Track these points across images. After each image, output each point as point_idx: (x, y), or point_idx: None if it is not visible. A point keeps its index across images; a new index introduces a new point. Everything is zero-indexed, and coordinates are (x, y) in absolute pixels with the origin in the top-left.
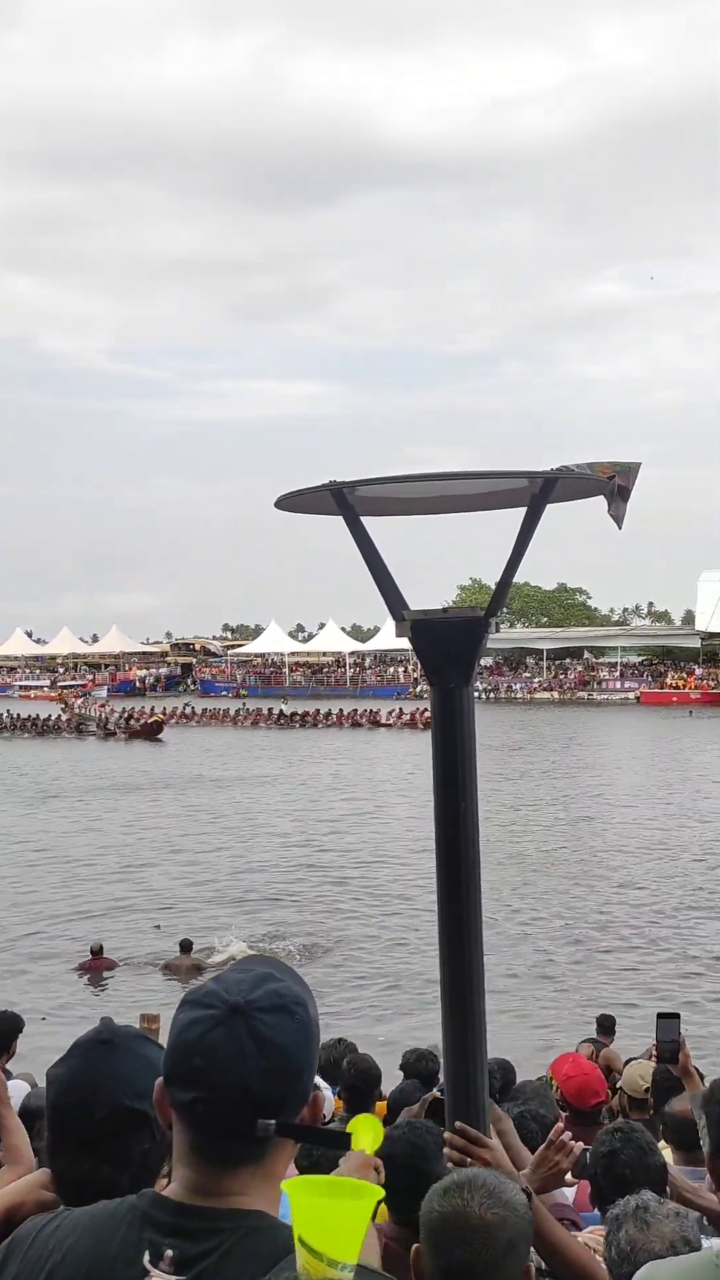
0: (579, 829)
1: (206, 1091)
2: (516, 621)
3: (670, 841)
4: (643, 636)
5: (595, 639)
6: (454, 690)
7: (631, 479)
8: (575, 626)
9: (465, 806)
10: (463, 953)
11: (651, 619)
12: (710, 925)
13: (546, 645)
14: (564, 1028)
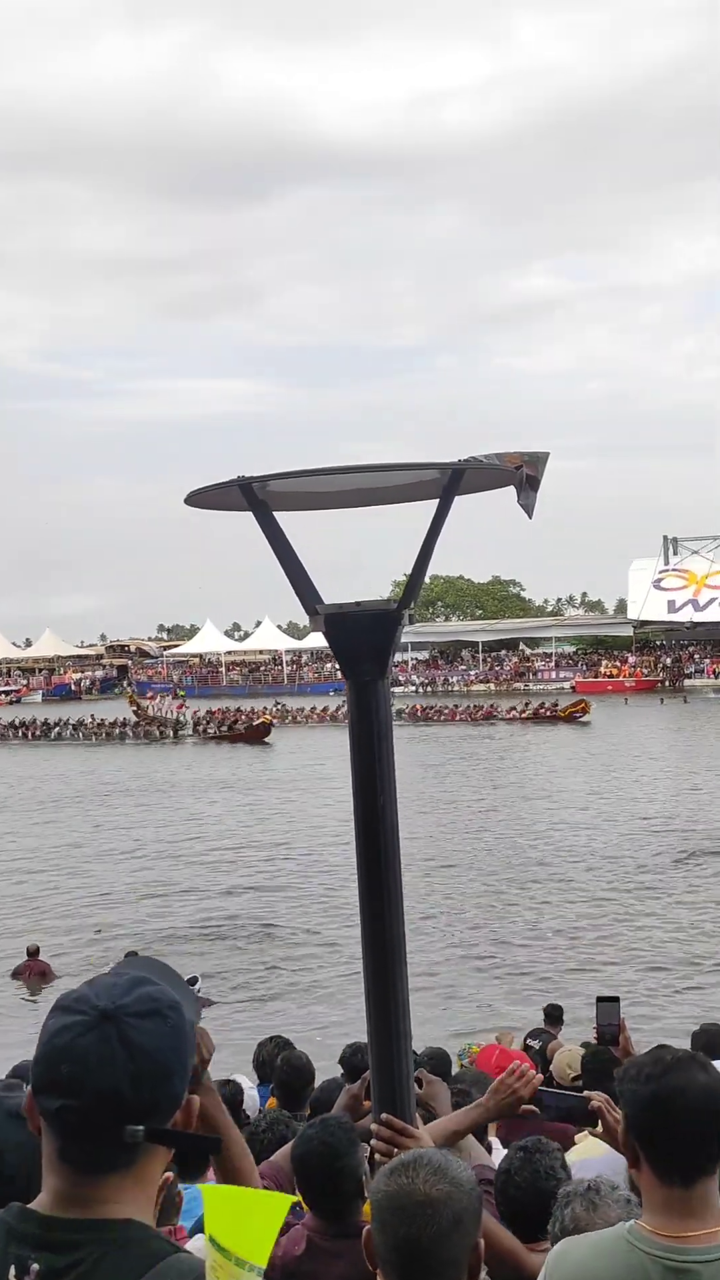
0: (528, 821)
1: (74, 1099)
2: (451, 615)
3: (619, 830)
4: (576, 626)
5: (530, 630)
6: (369, 683)
7: (540, 468)
8: (510, 618)
9: (383, 799)
10: (385, 944)
11: (585, 609)
12: (657, 915)
13: (482, 638)
14: (513, 1018)
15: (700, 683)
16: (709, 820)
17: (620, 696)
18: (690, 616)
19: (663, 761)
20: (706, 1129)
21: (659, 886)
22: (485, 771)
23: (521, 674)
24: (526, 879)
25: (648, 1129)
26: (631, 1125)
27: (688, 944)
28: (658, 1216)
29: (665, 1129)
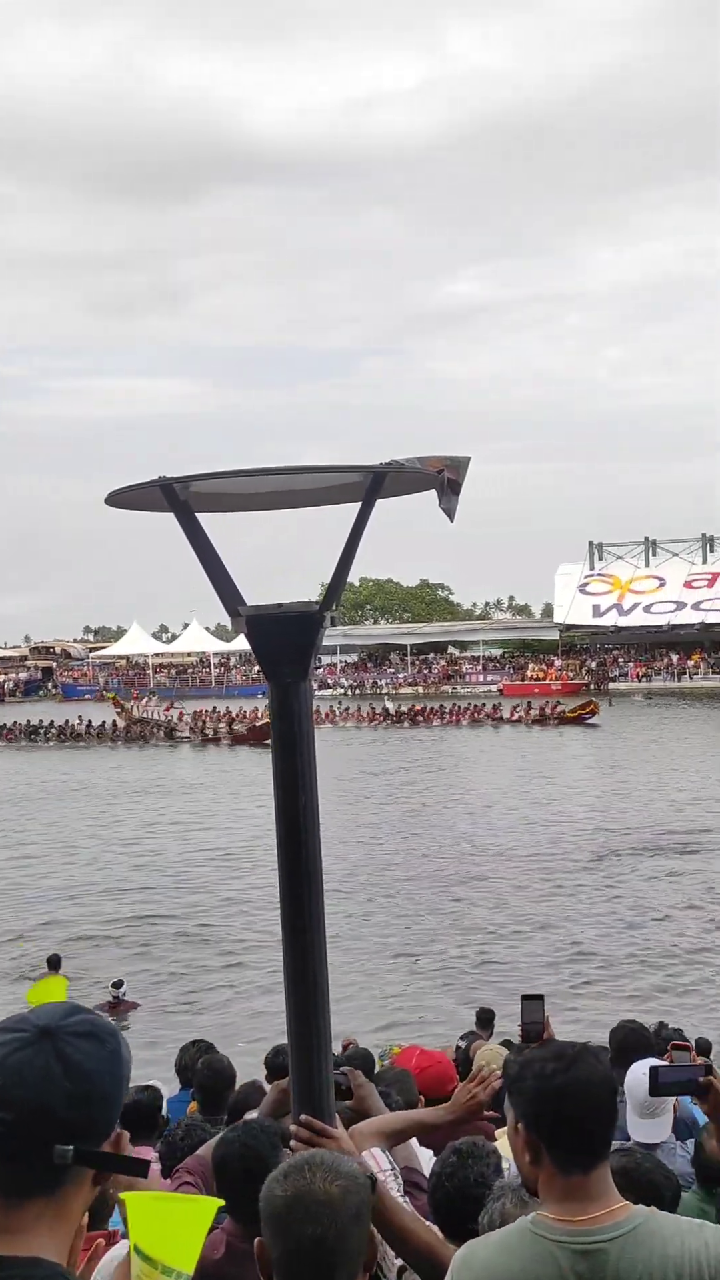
0: (458, 826)
1: (5, 1111)
2: (380, 618)
3: (547, 833)
4: (504, 630)
5: (458, 633)
6: (291, 685)
7: (461, 473)
8: (438, 622)
9: (305, 800)
10: (306, 946)
11: (512, 612)
12: (587, 915)
13: (410, 641)
14: (450, 1023)
15: (625, 686)
16: (636, 820)
17: (547, 699)
18: (615, 621)
19: (592, 767)
20: (605, 1118)
21: (587, 884)
22: (426, 772)
23: (449, 677)
24: (459, 881)
25: (551, 1123)
26: (532, 1120)
27: (611, 938)
28: (559, 1205)
29: (568, 1121)
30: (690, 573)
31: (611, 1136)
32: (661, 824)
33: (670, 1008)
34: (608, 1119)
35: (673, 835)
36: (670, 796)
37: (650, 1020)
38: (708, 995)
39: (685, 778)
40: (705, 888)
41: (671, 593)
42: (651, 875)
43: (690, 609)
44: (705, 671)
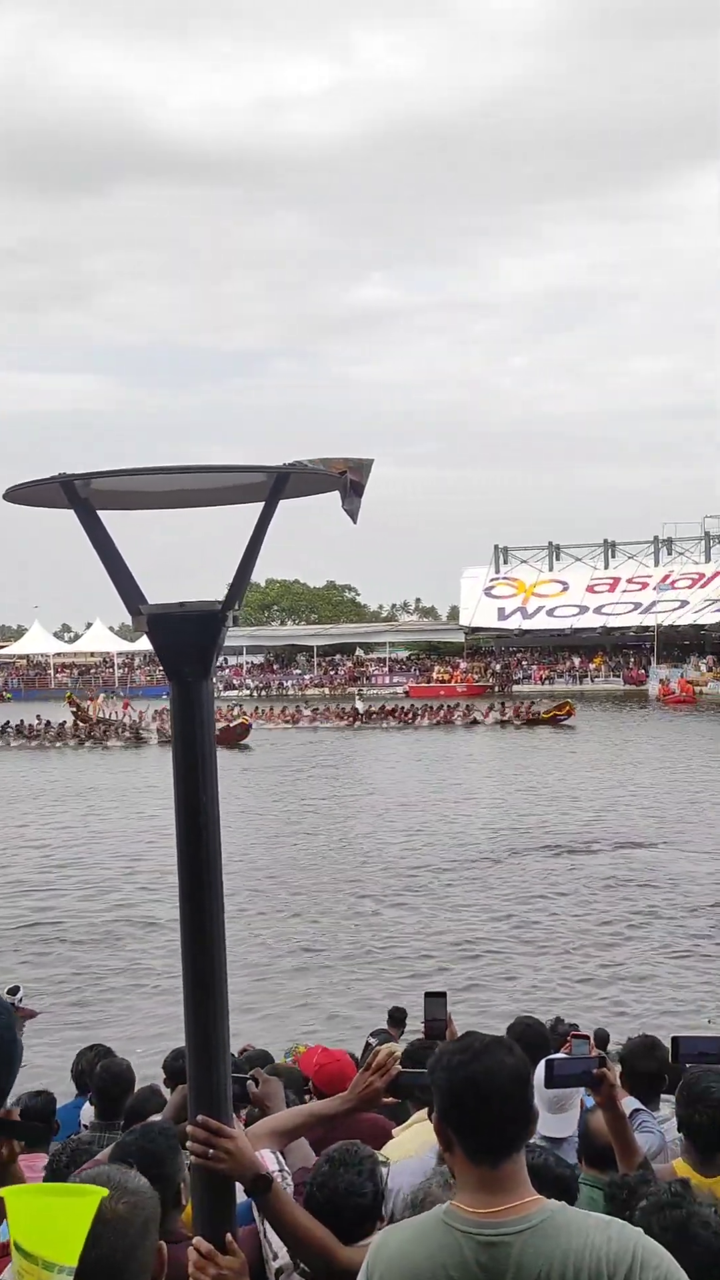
0: (366, 827)
1: None
2: (287, 619)
3: (447, 830)
4: (410, 632)
5: (365, 635)
6: (192, 684)
7: (364, 475)
8: (345, 623)
9: (205, 799)
10: (204, 945)
11: (419, 615)
12: (490, 913)
13: (317, 642)
14: (358, 1023)
15: (528, 689)
16: (539, 820)
17: (453, 701)
18: (519, 624)
19: (493, 767)
20: (514, 1110)
21: (490, 880)
22: (343, 773)
23: (356, 678)
24: (370, 881)
25: (459, 1113)
26: (443, 1111)
27: (515, 933)
28: (470, 1195)
29: (476, 1112)
30: (593, 577)
31: (523, 1130)
32: (575, 823)
33: (563, 998)
34: (515, 1111)
35: (575, 834)
36: (603, 799)
37: (548, 1015)
38: (602, 986)
39: (648, 778)
40: (603, 884)
41: (574, 597)
42: (549, 872)
43: (592, 613)
44: (606, 675)
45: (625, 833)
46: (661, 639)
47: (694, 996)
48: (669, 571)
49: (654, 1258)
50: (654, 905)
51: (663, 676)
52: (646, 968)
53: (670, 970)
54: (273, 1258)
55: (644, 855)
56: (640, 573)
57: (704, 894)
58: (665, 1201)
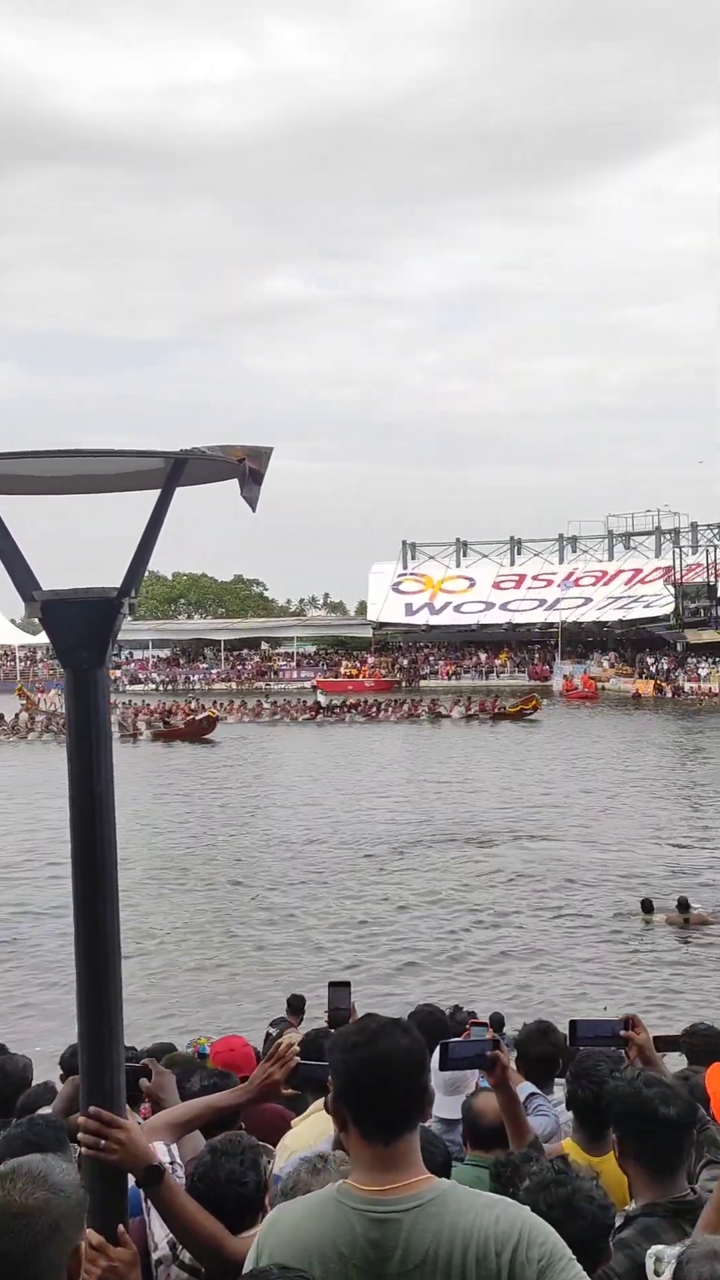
0: (279, 820)
1: None
2: (194, 613)
3: (344, 827)
4: (318, 627)
5: (272, 629)
6: (87, 671)
7: (263, 463)
8: (253, 618)
9: (100, 790)
10: (98, 936)
11: (327, 610)
12: (394, 903)
13: (224, 636)
14: (259, 1012)
15: (435, 684)
16: (439, 813)
17: (362, 696)
18: (426, 620)
19: (403, 762)
20: (408, 1089)
21: (395, 872)
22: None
23: (263, 673)
24: (275, 872)
25: (355, 1093)
26: (339, 1091)
27: (420, 924)
28: (363, 1173)
29: (371, 1092)
30: (499, 574)
31: (417, 1110)
32: (483, 814)
33: (464, 987)
34: (408, 1092)
35: (483, 825)
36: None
37: (449, 1004)
38: (501, 974)
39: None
40: (507, 875)
41: (481, 593)
42: (457, 862)
43: (498, 609)
44: (511, 670)
45: (530, 824)
46: (565, 635)
47: (590, 982)
48: (573, 569)
49: (539, 1234)
50: (555, 895)
51: (566, 672)
52: (546, 956)
53: (567, 958)
54: (153, 1249)
55: (547, 847)
56: (545, 570)
57: (602, 884)
58: (550, 1179)
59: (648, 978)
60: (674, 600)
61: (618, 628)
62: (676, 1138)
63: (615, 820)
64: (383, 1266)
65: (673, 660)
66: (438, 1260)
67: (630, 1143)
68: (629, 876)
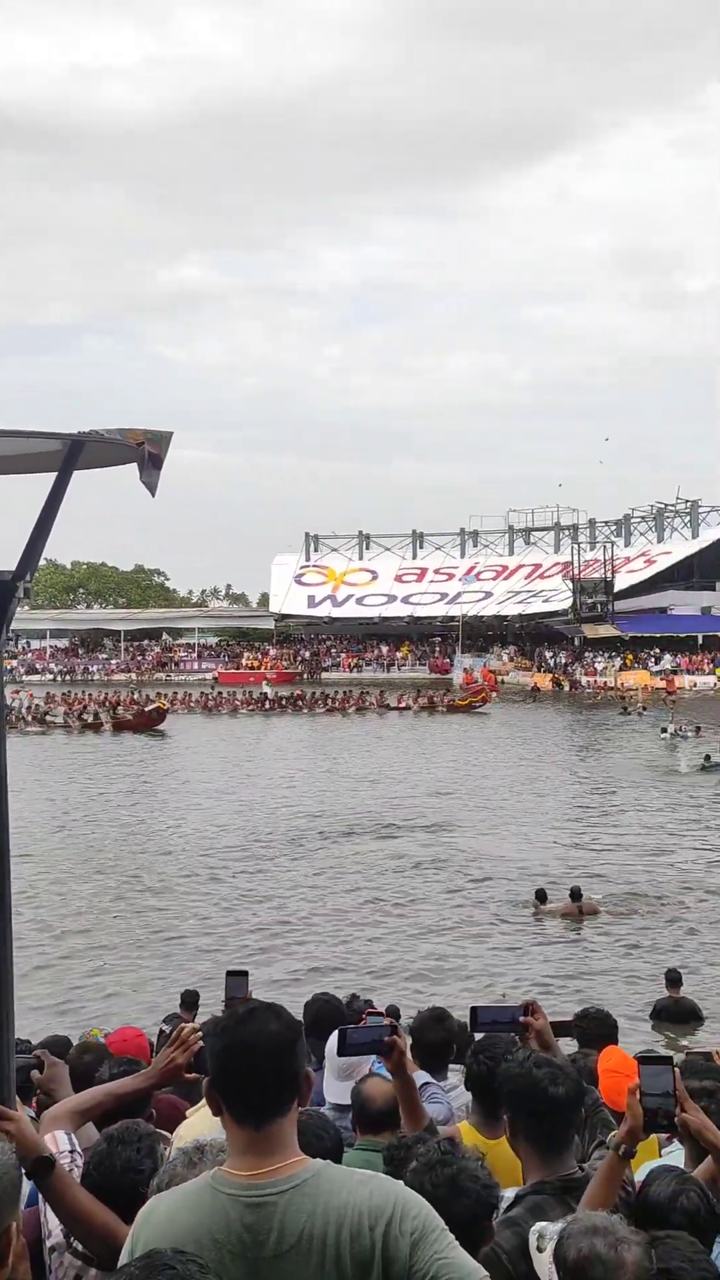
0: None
1: None
2: (93, 602)
3: (265, 815)
4: (220, 618)
5: (173, 620)
6: None
7: (163, 447)
8: (153, 608)
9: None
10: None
11: (229, 601)
12: (289, 893)
13: (124, 626)
14: (154, 1007)
15: (336, 676)
16: (336, 805)
17: (262, 687)
18: (328, 612)
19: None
20: (276, 1073)
21: (286, 863)
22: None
23: (164, 664)
24: (167, 864)
25: (224, 1077)
26: (212, 1075)
27: (314, 915)
28: (237, 1159)
29: (239, 1076)
30: (401, 567)
31: (288, 1093)
32: (386, 806)
33: (362, 975)
34: (278, 1075)
35: (385, 816)
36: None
37: (344, 993)
38: (399, 963)
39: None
40: (407, 865)
41: (383, 586)
42: (350, 855)
43: (400, 602)
44: (412, 663)
45: (429, 816)
46: (466, 629)
47: (484, 971)
48: (474, 563)
49: (413, 1207)
50: (451, 885)
51: (466, 665)
52: (441, 946)
53: (462, 948)
54: (47, 1236)
55: (444, 838)
56: (447, 564)
57: (497, 874)
58: (435, 1159)
59: (541, 966)
60: (572, 595)
61: (517, 622)
62: (565, 1117)
63: (511, 812)
64: (258, 1250)
65: (570, 655)
66: (313, 1240)
67: (520, 1122)
68: (523, 867)
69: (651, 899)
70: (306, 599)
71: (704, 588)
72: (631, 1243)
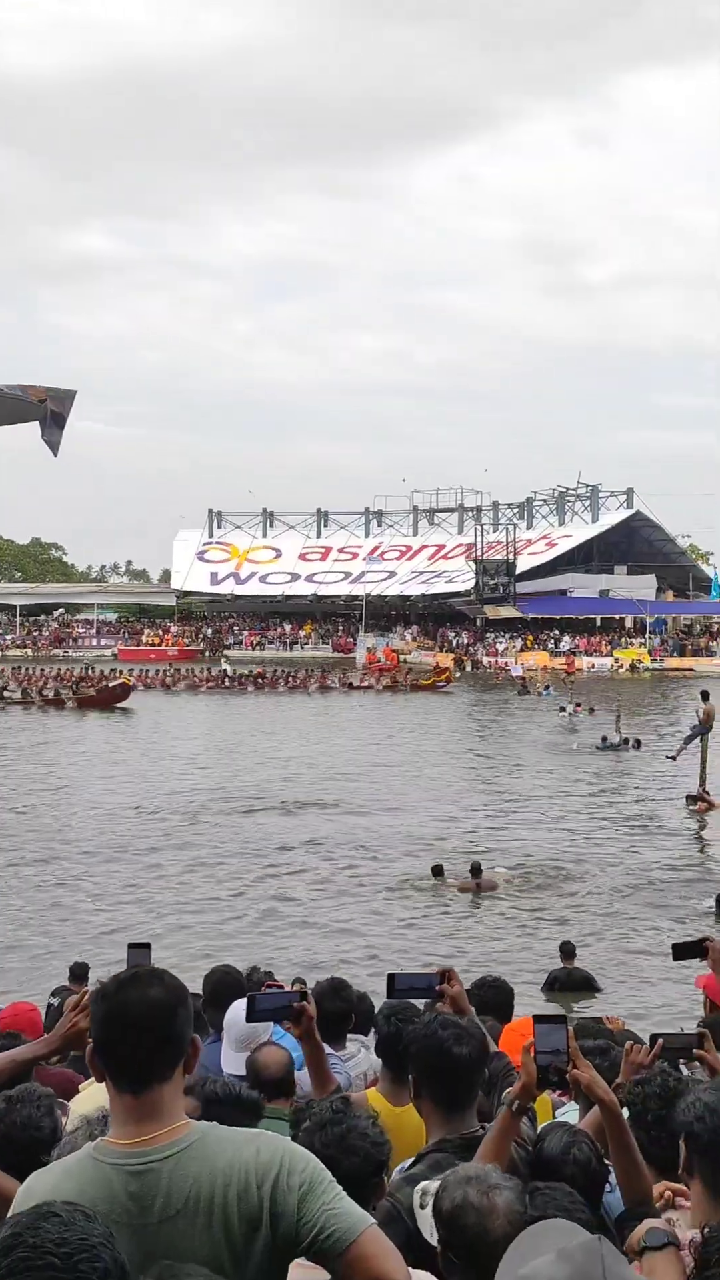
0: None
1: None
2: None
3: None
4: (120, 594)
5: (72, 595)
6: None
7: (66, 406)
8: (51, 583)
9: None
10: None
11: (130, 577)
12: (195, 871)
13: (20, 601)
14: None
15: (239, 654)
16: (232, 784)
17: (165, 664)
18: (231, 589)
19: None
20: (154, 1038)
21: (179, 843)
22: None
23: (62, 640)
24: (63, 843)
25: (103, 1043)
26: (94, 1041)
27: (214, 888)
28: (119, 1127)
29: (118, 1041)
30: (305, 546)
31: (168, 1059)
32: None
33: (261, 949)
34: (155, 1040)
35: (277, 794)
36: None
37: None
38: (297, 937)
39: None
40: (304, 843)
41: (287, 564)
42: (253, 830)
43: (304, 580)
44: (315, 642)
45: (330, 792)
46: (369, 608)
47: (383, 944)
48: (379, 543)
49: (300, 1161)
50: (352, 861)
51: (369, 645)
52: (341, 920)
53: (361, 923)
54: None
55: (343, 815)
56: (351, 543)
57: (397, 850)
58: (326, 1118)
59: (439, 940)
60: (475, 576)
61: (420, 602)
62: (468, 1077)
63: (411, 789)
64: (143, 1218)
65: (473, 635)
66: (199, 1202)
67: (424, 1081)
68: (423, 843)
69: (549, 874)
70: (209, 576)
71: (603, 571)
72: (503, 1188)
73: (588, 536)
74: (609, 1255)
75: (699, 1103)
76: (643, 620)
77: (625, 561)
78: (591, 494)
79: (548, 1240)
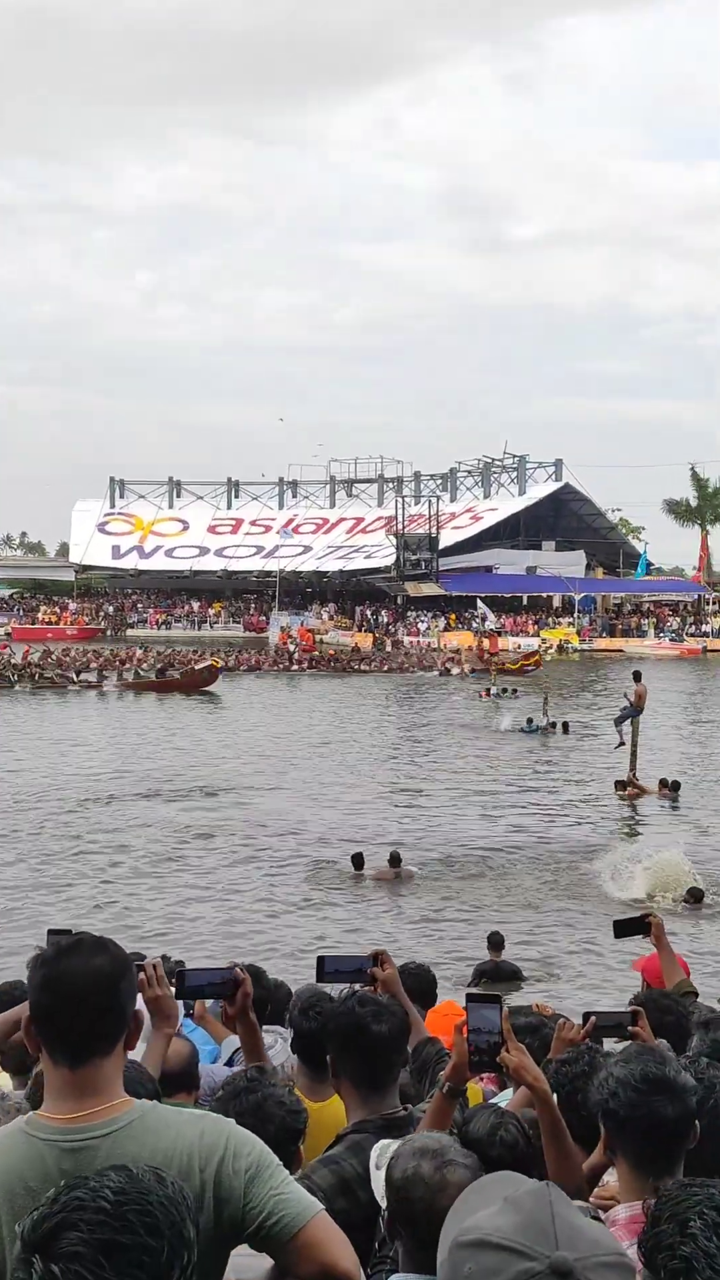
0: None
1: None
2: None
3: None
4: (13, 568)
5: None
6: None
7: None
8: None
9: None
10: None
11: (24, 550)
12: (118, 859)
13: None
14: None
15: (142, 633)
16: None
17: (61, 644)
18: (135, 564)
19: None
20: (94, 1010)
21: (103, 825)
22: None
23: None
24: None
25: (40, 1012)
26: (30, 1011)
27: (134, 877)
28: (54, 1102)
29: (55, 1012)
30: (214, 517)
31: (109, 1032)
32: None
33: (176, 938)
34: (95, 1012)
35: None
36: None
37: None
38: (213, 928)
39: None
40: (217, 833)
41: (195, 537)
42: (178, 817)
43: (214, 555)
44: (226, 621)
45: (250, 780)
46: (283, 585)
47: (304, 934)
48: (293, 515)
49: (245, 1145)
50: (269, 851)
51: (283, 624)
52: (261, 910)
53: (280, 914)
54: None
55: (258, 803)
56: (264, 515)
57: (315, 839)
58: (241, 1086)
59: (359, 930)
60: (395, 551)
61: (337, 578)
62: (388, 1056)
63: (328, 776)
64: None
65: (393, 614)
66: None
67: (343, 1061)
68: (340, 833)
69: (473, 862)
70: (111, 549)
71: (530, 546)
72: (459, 1165)
73: (514, 510)
74: (558, 1200)
75: (610, 1078)
76: (571, 599)
77: (553, 536)
78: (518, 465)
79: (493, 1190)
